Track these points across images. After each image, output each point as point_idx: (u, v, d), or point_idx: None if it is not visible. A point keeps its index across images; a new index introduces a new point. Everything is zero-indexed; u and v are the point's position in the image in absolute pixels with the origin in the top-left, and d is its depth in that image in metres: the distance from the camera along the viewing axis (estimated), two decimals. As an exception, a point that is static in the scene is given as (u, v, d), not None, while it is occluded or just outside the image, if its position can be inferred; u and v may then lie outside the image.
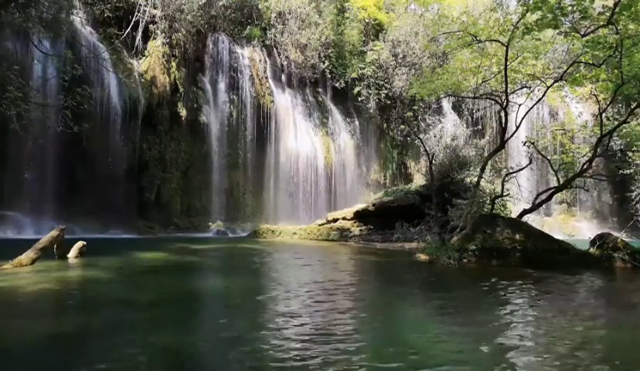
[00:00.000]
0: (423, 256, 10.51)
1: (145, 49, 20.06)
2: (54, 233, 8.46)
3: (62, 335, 4.04)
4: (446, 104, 28.50)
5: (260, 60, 23.99)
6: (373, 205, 17.98)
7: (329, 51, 25.77)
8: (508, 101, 11.92)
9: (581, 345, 4.09)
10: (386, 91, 26.55)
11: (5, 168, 15.37)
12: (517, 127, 12.26)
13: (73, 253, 8.84)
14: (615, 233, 12.33)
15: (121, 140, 18.23)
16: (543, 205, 15.63)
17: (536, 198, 12.22)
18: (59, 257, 8.51)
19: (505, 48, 11.02)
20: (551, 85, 12.10)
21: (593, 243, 10.41)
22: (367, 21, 27.54)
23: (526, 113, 12.81)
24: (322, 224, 18.32)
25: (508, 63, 11.25)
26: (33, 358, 3.52)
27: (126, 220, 17.46)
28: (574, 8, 9.58)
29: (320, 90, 26.76)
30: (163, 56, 20.21)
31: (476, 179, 12.82)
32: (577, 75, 11.83)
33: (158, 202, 19.71)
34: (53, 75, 15.86)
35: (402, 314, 5.23)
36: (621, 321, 5.16)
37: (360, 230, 17.06)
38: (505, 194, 12.77)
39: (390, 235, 16.01)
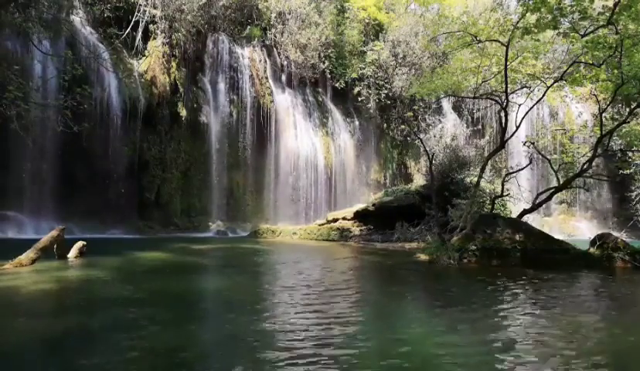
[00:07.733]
0: (423, 256, 10.52)
1: (145, 49, 20.05)
2: (54, 233, 8.47)
3: (62, 334, 4.04)
4: (446, 104, 28.50)
5: (260, 60, 23.99)
6: (373, 205, 17.96)
7: (329, 51, 25.76)
8: (508, 101, 11.93)
9: (582, 344, 4.10)
10: (386, 91, 26.54)
11: (5, 169, 15.37)
12: (517, 127, 12.27)
13: (73, 253, 8.85)
14: (615, 233, 12.34)
15: (121, 140, 18.23)
16: (543, 205, 15.62)
17: (536, 198, 12.23)
18: (59, 257, 8.52)
19: (505, 48, 11.03)
20: (551, 85, 12.10)
21: (593, 243, 10.40)
22: (367, 21, 27.53)
23: (526, 113, 12.81)
24: (322, 224, 18.32)
25: (508, 63, 11.26)
26: (33, 358, 3.52)
27: (126, 220, 17.48)
28: (574, 9, 9.59)
29: (320, 90, 26.75)
30: (163, 56, 20.20)
31: (476, 179, 12.83)
32: (577, 75, 11.81)
33: (158, 202, 19.71)
34: (53, 75, 15.84)
35: (402, 313, 5.23)
36: (621, 321, 5.17)
37: (360, 230, 17.06)
38: (505, 194, 12.78)
39: (390, 235, 16.01)
